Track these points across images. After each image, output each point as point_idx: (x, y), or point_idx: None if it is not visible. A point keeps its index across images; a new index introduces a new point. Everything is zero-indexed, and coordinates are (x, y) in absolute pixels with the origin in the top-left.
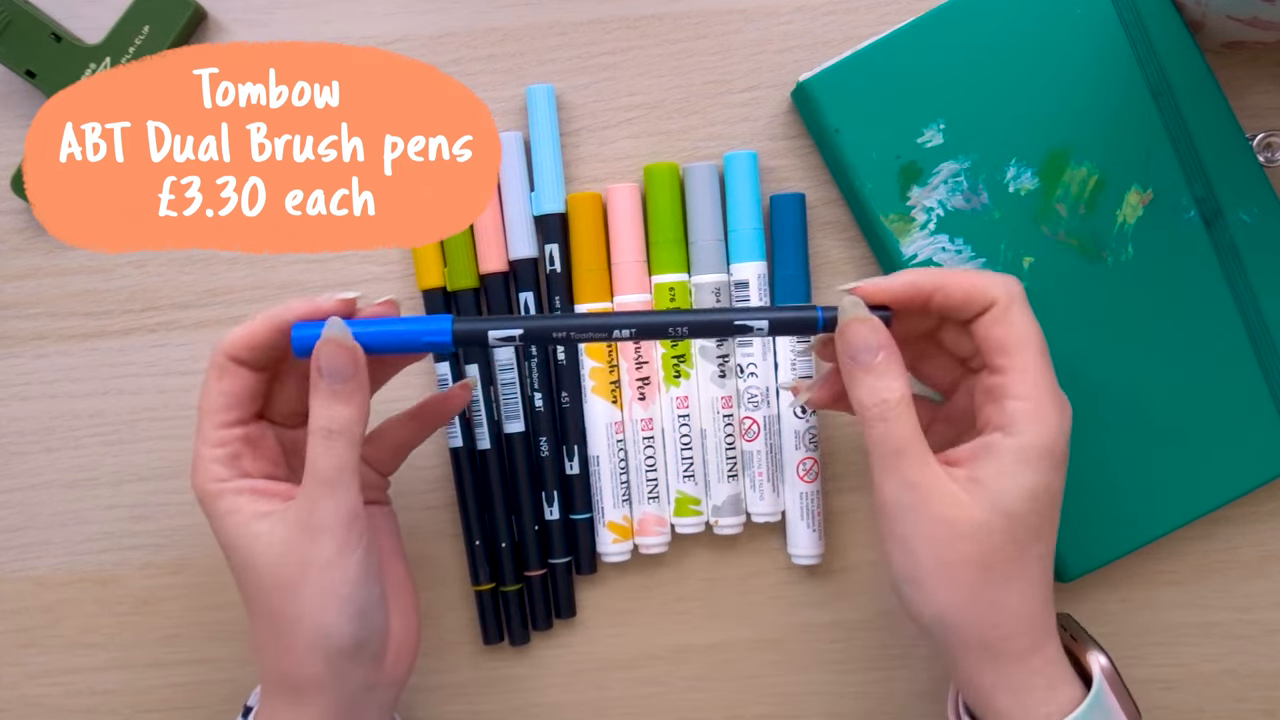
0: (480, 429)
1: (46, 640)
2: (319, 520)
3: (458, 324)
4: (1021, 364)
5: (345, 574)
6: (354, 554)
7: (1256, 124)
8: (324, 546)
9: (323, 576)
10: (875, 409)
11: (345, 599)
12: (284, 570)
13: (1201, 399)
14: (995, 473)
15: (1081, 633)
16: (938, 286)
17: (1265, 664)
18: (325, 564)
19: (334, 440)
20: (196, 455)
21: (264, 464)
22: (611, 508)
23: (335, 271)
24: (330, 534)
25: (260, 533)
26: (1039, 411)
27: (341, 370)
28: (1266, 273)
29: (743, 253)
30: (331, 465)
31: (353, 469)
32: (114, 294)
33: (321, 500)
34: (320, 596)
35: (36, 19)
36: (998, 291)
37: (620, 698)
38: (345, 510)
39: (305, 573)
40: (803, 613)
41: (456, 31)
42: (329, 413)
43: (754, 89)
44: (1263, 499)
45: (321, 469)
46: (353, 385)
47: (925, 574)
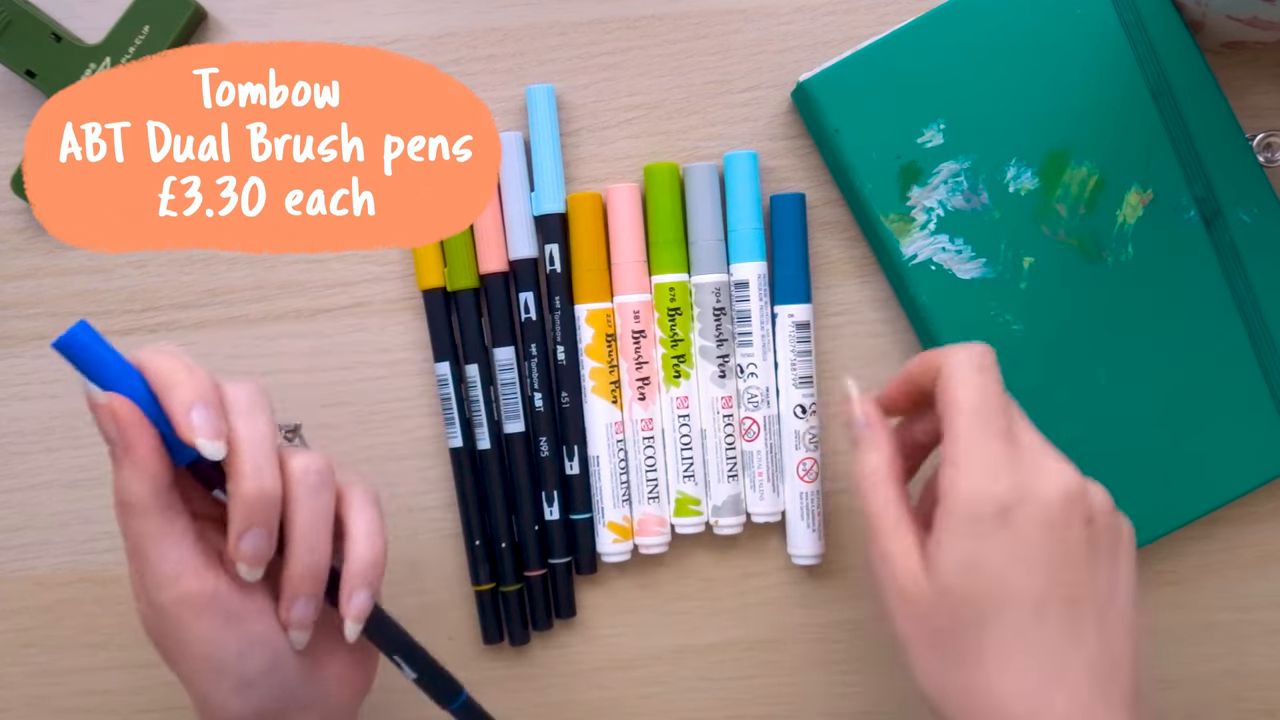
0: (480, 429)
1: (46, 640)
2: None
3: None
4: (951, 429)
5: (205, 650)
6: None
7: (1256, 124)
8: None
9: (186, 653)
10: (857, 481)
11: (213, 676)
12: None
13: (1201, 399)
14: (934, 546)
15: None
16: (920, 371)
17: (1265, 664)
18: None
19: (129, 515)
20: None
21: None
22: (611, 508)
23: (335, 271)
24: (166, 614)
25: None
26: (962, 477)
27: (107, 430)
28: (1266, 273)
29: (743, 253)
30: (133, 538)
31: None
32: (114, 294)
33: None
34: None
35: (36, 19)
36: (944, 358)
37: (620, 698)
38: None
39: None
40: (803, 613)
41: (456, 31)
42: (119, 484)
43: (754, 89)
44: (1263, 499)
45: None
46: (124, 439)
47: (903, 648)
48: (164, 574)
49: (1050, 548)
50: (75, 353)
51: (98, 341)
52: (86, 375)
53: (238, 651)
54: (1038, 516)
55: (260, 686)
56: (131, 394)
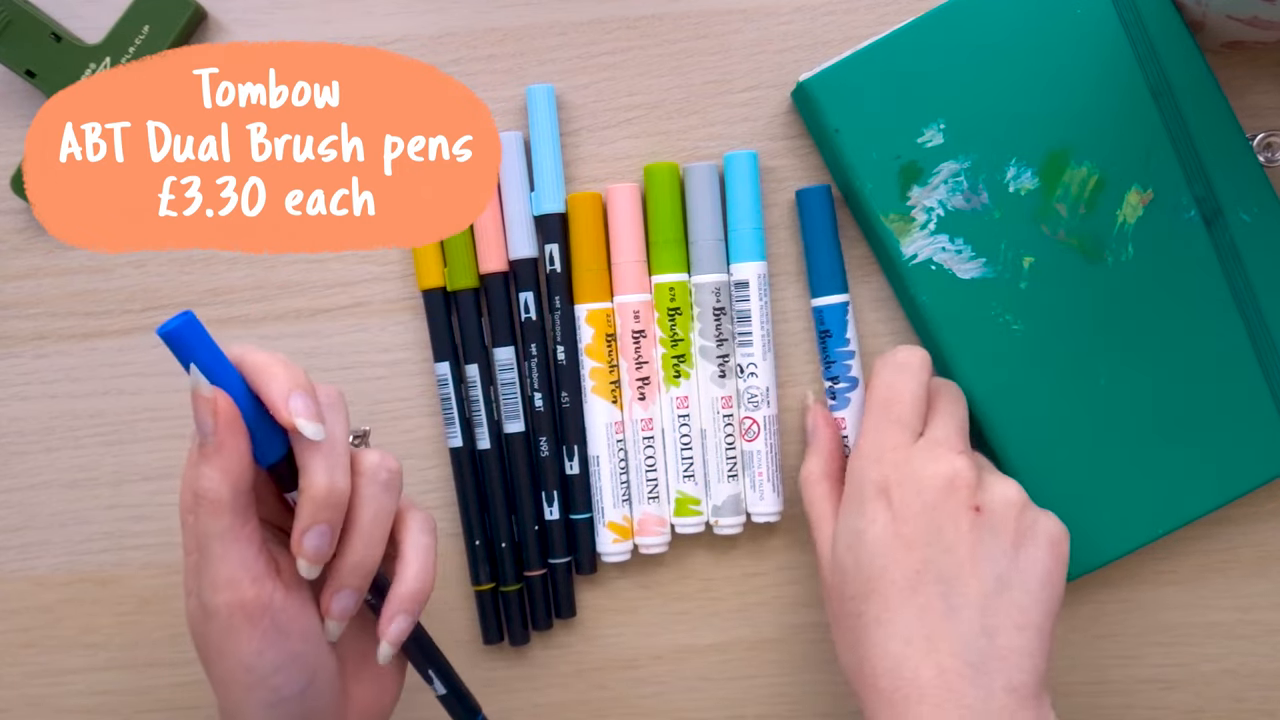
0: (480, 429)
1: (46, 640)
2: (204, 599)
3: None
4: (863, 420)
5: (242, 661)
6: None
7: (1256, 124)
8: (213, 628)
9: (223, 660)
10: (800, 483)
11: (247, 687)
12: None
13: (1201, 399)
14: (833, 526)
15: None
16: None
17: (1265, 664)
18: (217, 649)
19: (205, 509)
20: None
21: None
22: (611, 508)
23: (335, 272)
24: (215, 617)
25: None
26: (854, 459)
27: (205, 423)
28: (1266, 273)
29: (743, 252)
30: (201, 534)
31: (222, 536)
32: (114, 294)
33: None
34: (225, 680)
35: (36, 19)
36: (877, 360)
37: (620, 698)
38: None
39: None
40: (803, 613)
41: (456, 31)
42: (198, 475)
43: (754, 89)
44: (1263, 499)
45: (197, 539)
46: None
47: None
48: (223, 576)
49: (927, 527)
50: (179, 344)
51: (202, 334)
52: (186, 366)
53: (276, 666)
54: (916, 497)
55: (291, 705)
56: (230, 390)
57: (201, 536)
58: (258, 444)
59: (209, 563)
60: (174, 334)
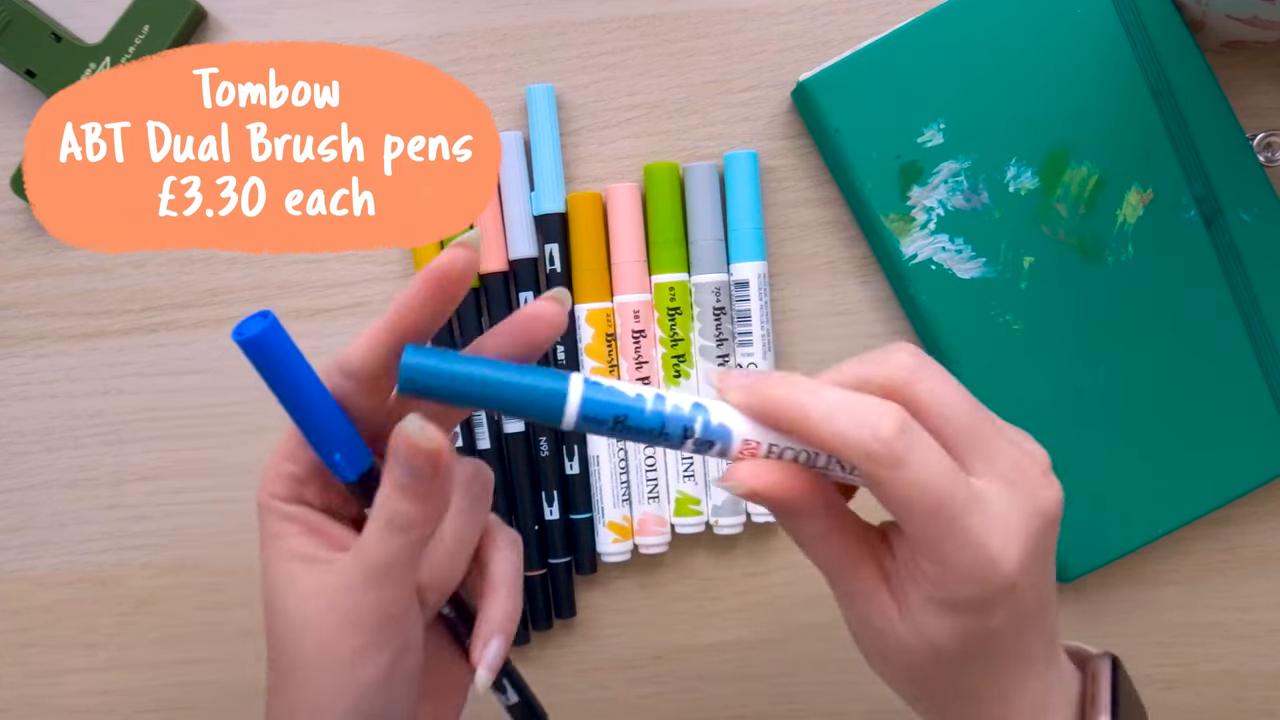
0: (480, 429)
1: (46, 640)
2: (351, 611)
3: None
4: (912, 533)
5: (361, 678)
6: (380, 656)
7: (1256, 124)
8: (347, 642)
9: (335, 676)
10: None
11: (350, 709)
12: (299, 646)
13: (1201, 399)
14: (919, 606)
15: (1105, 691)
16: (798, 421)
17: (1265, 664)
18: (343, 662)
19: (392, 534)
20: (268, 460)
21: (331, 496)
22: (611, 508)
23: (335, 272)
24: (359, 631)
25: (293, 576)
26: (948, 577)
27: (419, 470)
28: (1266, 273)
29: (743, 252)
30: (381, 558)
31: (404, 567)
32: (114, 294)
33: (361, 591)
34: (324, 698)
35: (36, 19)
36: (855, 457)
37: (620, 698)
38: (383, 608)
39: (319, 662)
40: (803, 613)
41: (456, 31)
42: (397, 505)
43: (754, 89)
44: (1263, 499)
45: (370, 557)
46: (429, 486)
47: (872, 658)
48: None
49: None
50: (260, 354)
51: (286, 343)
52: (265, 376)
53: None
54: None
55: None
56: (320, 401)
57: (389, 564)
58: (345, 460)
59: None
60: (254, 343)
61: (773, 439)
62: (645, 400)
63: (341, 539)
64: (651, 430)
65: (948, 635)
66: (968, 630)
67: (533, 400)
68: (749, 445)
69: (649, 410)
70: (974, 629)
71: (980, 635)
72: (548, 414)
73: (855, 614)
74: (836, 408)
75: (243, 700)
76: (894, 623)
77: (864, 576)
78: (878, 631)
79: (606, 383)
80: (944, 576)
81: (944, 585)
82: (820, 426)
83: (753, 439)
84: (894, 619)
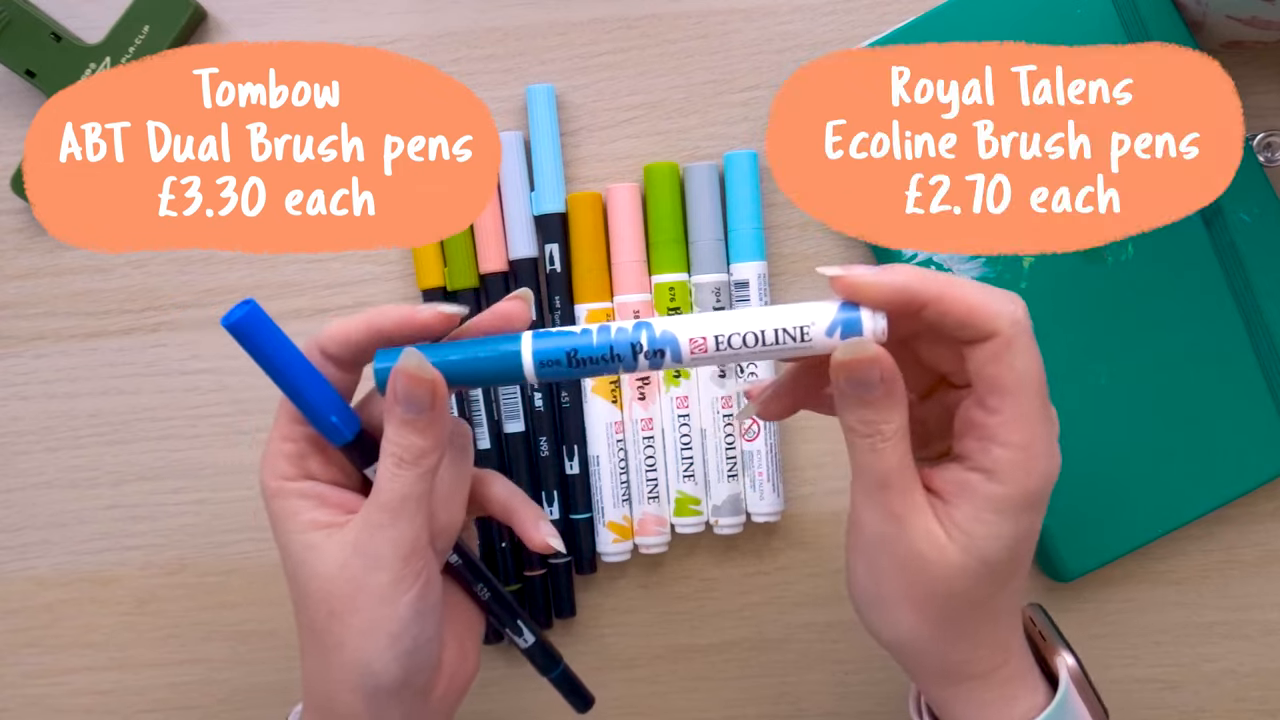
0: (480, 429)
1: (46, 640)
2: (376, 549)
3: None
4: (1016, 410)
5: (396, 610)
6: (410, 590)
7: (1256, 124)
8: (378, 578)
9: (372, 610)
10: (866, 440)
11: (394, 636)
12: (333, 592)
13: (1201, 399)
14: (973, 518)
15: (1051, 631)
16: (936, 298)
17: (1265, 664)
18: (377, 597)
19: (403, 469)
20: (266, 448)
21: (334, 470)
22: (611, 508)
23: (335, 272)
24: (386, 566)
25: (314, 543)
26: (1028, 463)
27: (418, 400)
28: (1266, 273)
29: (743, 252)
30: (396, 493)
31: (419, 499)
32: (114, 294)
33: (381, 529)
34: (366, 630)
35: (36, 19)
36: (1003, 323)
37: (620, 698)
38: (405, 542)
39: (354, 601)
40: (803, 613)
41: (456, 31)
42: (402, 441)
43: (754, 89)
44: (1263, 499)
45: (385, 496)
46: (429, 416)
47: (891, 601)
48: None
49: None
50: (245, 335)
51: (267, 324)
52: (254, 355)
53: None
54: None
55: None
56: (307, 373)
57: (404, 497)
58: (341, 421)
59: (400, 523)
60: (239, 325)
61: (719, 331)
62: (591, 331)
63: (351, 503)
64: (604, 357)
65: (1000, 545)
66: (1018, 536)
67: (494, 364)
68: (695, 343)
69: (595, 340)
70: (1023, 534)
71: (1024, 539)
72: (511, 372)
73: (897, 546)
74: (977, 284)
75: (242, 700)
76: (941, 546)
77: (919, 496)
78: (921, 561)
79: (555, 329)
80: (1023, 464)
81: (1017, 476)
82: (970, 293)
83: (697, 336)
84: (941, 542)
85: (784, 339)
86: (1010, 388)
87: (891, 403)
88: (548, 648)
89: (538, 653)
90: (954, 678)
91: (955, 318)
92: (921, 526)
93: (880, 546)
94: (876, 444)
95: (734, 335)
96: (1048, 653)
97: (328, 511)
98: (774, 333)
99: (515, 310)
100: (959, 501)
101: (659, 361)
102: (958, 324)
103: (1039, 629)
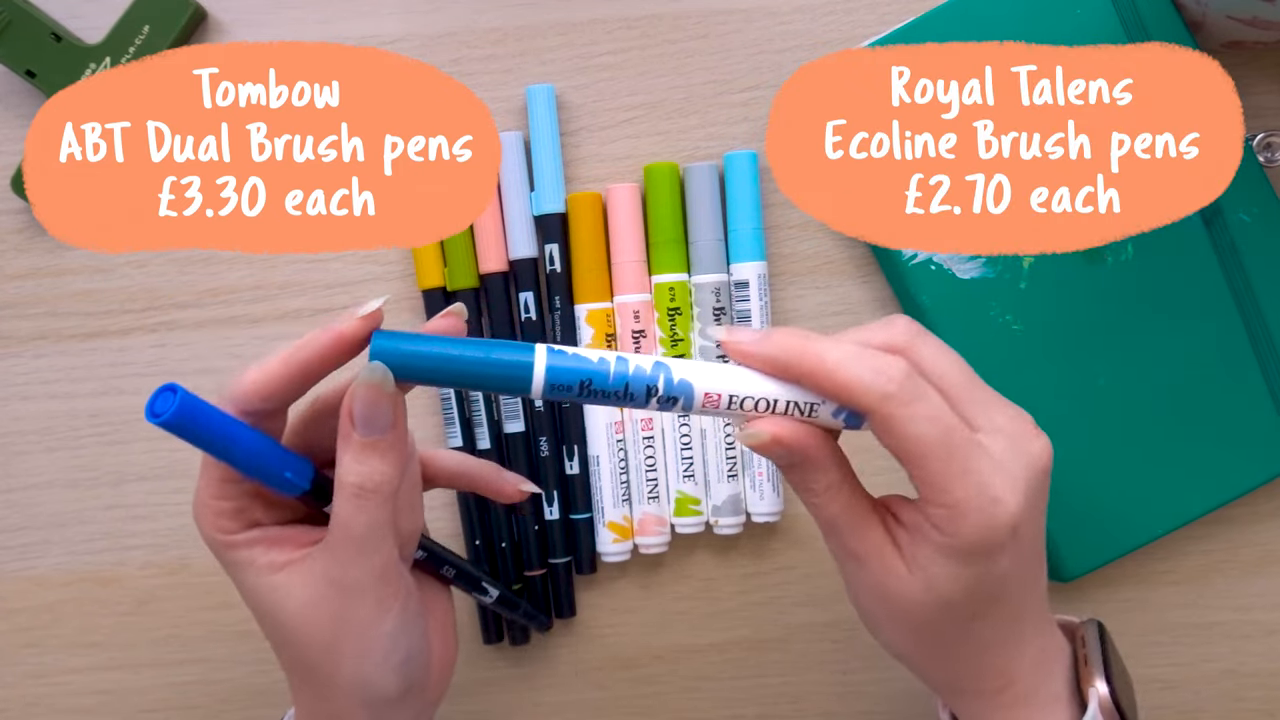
0: (480, 429)
1: (46, 640)
2: (353, 581)
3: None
4: (925, 475)
5: (384, 630)
6: (393, 607)
7: (1256, 124)
8: (361, 609)
9: (361, 637)
10: (803, 495)
11: (387, 654)
12: (314, 627)
13: (1201, 399)
14: (930, 559)
15: (1098, 654)
16: (809, 374)
17: (1265, 664)
18: (363, 625)
19: (366, 499)
20: (198, 501)
21: (278, 510)
22: (611, 508)
23: (335, 272)
24: (367, 594)
25: (278, 585)
26: (958, 520)
27: (378, 421)
28: (1266, 273)
29: (743, 252)
30: (363, 525)
31: (385, 525)
32: (114, 294)
33: (354, 562)
34: (360, 655)
35: (36, 19)
36: (872, 399)
37: (620, 698)
38: (380, 567)
39: (340, 631)
40: (803, 613)
41: (456, 31)
42: (362, 468)
43: (754, 89)
44: (1263, 499)
45: (355, 530)
46: (390, 437)
47: (877, 623)
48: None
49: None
50: (184, 428)
51: (201, 406)
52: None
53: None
54: (1039, 522)
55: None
56: (247, 440)
57: (370, 526)
58: (295, 474)
59: (372, 554)
60: (174, 421)
61: (735, 390)
62: (609, 364)
63: (301, 537)
64: (616, 392)
65: (957, 586)
66: (976, 579)
67: (500, 373)
68: (710, 398)
69: (613, 373)
70: (981, 577)
71: (987, 583)
72: (516, 385)
73: (864, 577)
74: (850, 355)
75: (243, 700)
76: (903, 581)
77: (873, 535)
78: (887, 593)
79: (570, 350)
80: (953, 521)
81: (954, 531)
82: (836, 370)
83: (713, 392)
84: (903, 577)
85: (793, 410)
86: (911, 456)
87: (814, 465)
88: (508, 595)
89: (501, 603)
90: (955, 691)
91: (831, 397)
92: (881, 563)
93: (851, 578)
94: (811, 499)
95: (748, 399)
96: (1085, 678)
97: (283, 551)
98: (785, 404)
99: (451, 328)
100: (916, 543)
101: (669, 407)
102: (842, 401)
103: (1086, 650)
